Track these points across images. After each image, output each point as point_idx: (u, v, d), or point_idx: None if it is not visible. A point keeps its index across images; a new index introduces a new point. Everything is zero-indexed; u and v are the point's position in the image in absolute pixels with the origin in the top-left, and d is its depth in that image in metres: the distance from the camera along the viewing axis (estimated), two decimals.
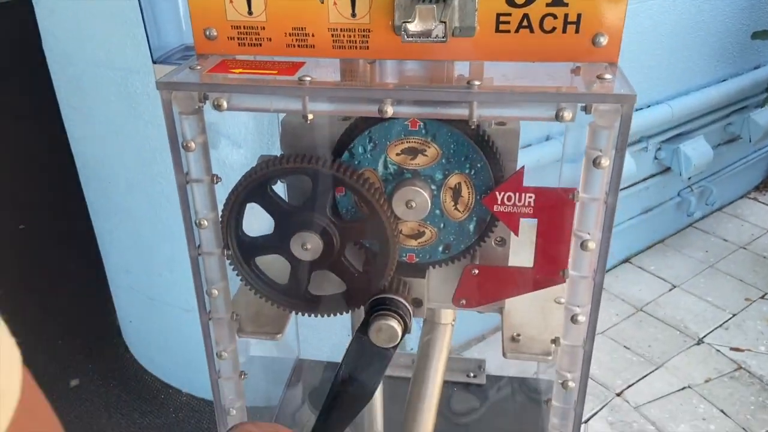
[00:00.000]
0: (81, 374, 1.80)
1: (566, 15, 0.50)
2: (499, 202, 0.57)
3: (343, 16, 0.53)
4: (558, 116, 0.49)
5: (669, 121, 2.00)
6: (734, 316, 1.96)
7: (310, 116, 0.53)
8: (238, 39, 0.56)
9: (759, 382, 1.71)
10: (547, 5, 0.50)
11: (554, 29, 0.51)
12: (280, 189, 0.63)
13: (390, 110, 0.51)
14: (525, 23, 0.51)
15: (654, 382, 1.72)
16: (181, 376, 1.71)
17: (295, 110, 0.53)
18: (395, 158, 0.60)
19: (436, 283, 0.68)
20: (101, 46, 1.28)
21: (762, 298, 2.04)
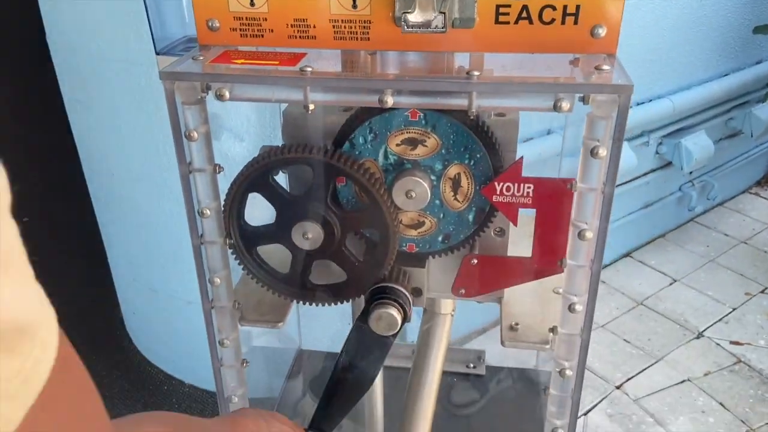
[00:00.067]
0: (84, 365, 1.81)
1: (565, 6, 0.51)
2: (498, 193, 0.58)
3: (344, 7, 0.53)
4: (556, 106, 0.50)
5: (670, 116, 2.00)
6: (734, 310, 1.97)
7: (312, 106, 0.54)
8: (240, 30, 0.57)
9: (758, 376, 1.72)
10: None
11: (553, 20, 0.52)
12: (282, 180, 0.63)
13: (390, 100, 0.52)
14: (524, 14, 0.52)
15: (653, 375, 1.73)
16: (183, 367, 1.73)
17: (296, 100, 0.54)
18: (395, 149, 0.61)
19: (436, 273, 0.68)
20: (105, 39, 1.28)
21: (762, 292, 2.04)
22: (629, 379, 1.72)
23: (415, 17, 0.50)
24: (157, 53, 0.70)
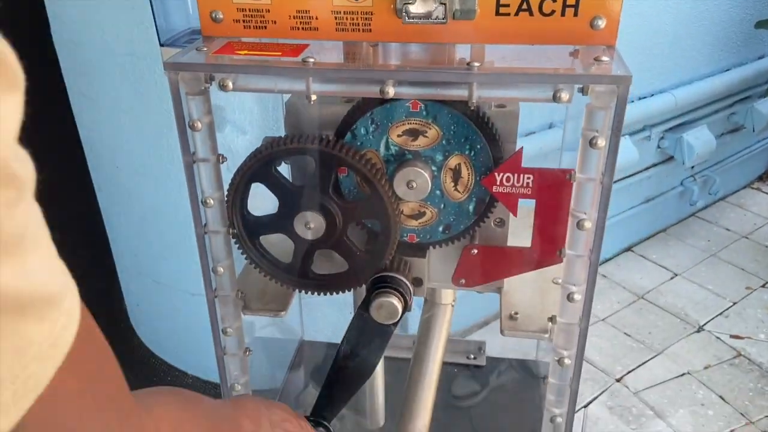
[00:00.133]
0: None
1: None
2: (498, 183, 0.59)
3: None
4: (555, 97, 0.51)
5: (672, 110, 2.00)
6: (735, 304, 1.97)
7: (314, 97, 0.54)
8: (243, 21, 0.57)
9: (758, 369, 1.73)
10: None
11: (553, 12, 0.52)
12: (285, 171, 0.64)
13: (391, 91, 0.53)
14: (524, 6, 0.52)
15: (654, 368, 1.74)
16: (187, 358, 1.74)
17: (299, 91, 0.55)
18: (397, 139, 0.61)
19: (437, 263, 0.69)
20: (109, 31, 1.29)
21: (763, 286, 2.05)
22: (629, 372, 1.73)
23: (416, 8, 0.51)
24: (161, 45, 0.70)
